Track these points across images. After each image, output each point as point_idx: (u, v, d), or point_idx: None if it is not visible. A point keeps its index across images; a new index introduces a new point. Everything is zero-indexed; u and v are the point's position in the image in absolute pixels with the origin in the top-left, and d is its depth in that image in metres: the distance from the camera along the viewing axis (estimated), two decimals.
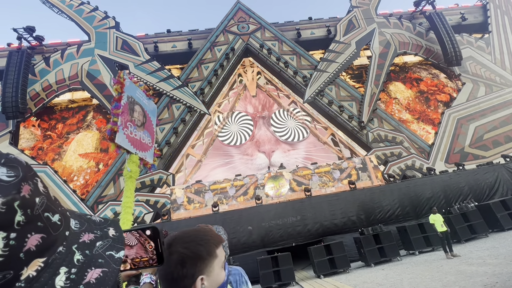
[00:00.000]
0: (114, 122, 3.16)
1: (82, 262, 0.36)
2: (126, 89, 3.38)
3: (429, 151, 15.03)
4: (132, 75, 3.69)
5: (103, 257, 0.38)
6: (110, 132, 3.13)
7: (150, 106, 3.90)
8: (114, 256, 0.39)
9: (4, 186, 0.30)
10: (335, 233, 9.88)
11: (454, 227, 8.78)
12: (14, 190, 0.30)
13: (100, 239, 0.41)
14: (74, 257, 0.35)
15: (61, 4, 16.89)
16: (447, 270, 6.19)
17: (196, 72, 16.52)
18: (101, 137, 15.07)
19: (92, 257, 0.37)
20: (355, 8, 18.77)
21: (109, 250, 0.40)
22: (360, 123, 15.36)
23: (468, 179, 11.16)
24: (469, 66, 17.80)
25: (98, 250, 0.39)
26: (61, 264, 0.33)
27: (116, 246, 0.41)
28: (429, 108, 16.96)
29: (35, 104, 15.15)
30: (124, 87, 3.35)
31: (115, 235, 0.43)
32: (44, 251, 0.32)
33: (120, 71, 3.44)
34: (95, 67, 15.73)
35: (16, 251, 0.29)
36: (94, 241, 0.40)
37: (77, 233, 0.39)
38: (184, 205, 11.85)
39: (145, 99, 3.81)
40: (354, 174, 12.70)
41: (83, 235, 0.39)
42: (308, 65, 17.09)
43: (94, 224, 0.43)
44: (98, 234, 0.41)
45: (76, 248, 0.37)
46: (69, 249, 0.36)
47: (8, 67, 14.04)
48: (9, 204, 0.29)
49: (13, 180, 0.31)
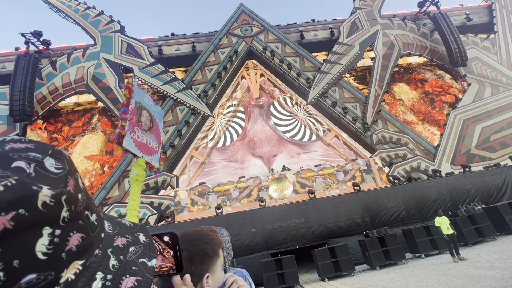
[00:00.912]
0: (122, 126, 3.23)
1: (117, 268, 0.34)
2: (134, 94, 3.47)
3: (434, 153, 14.87)
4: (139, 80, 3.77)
5: (137, 265, 0.36)
6: (118, 136, 3.20)
7: (157, 111, 3.98)
8: (147, 264, 0.37)
9: (53, 178, 0.28)
10: (339, 235, 9.80)
11: (461, 230, 8.64)
12: (62, 183, 0.29)
13: (133, 245, 0.38)
14: (109, 262, 0.33)
15: (67, 9, 17.19)
16: (454, 273, 6.09)
17: (199, 74, 16.63)
18: (106, 140, 15.23)
19: (126, 264, 0.35)
20: (358, 10, 18.74)
21: (142, 257, 0.37)
22: (364, 125, 15.27)
23: (475, 181, 10.99)
24: (474, 66, 17.61)
25: (131, 257, 0.37)
26: (97, 268, 0.32)
27: (148, 253, 0.39)
28: (434, 109, 16.79)
29: (42, 107, 15.39)
30: (132, 93, 3.44)
31: (146, 241, 0.41)
32: (83, 252, 0.30)
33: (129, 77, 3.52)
34: (100, 70, 15.94)
35: (59, 250, 0.27)
36: (127, 246, 0.38)
37: (111, 236, 0.37)
38: (188, 207, 11.87)
39: (152, 104, 3.90)
40: (359, 176, 12.60)
41: (116, 239, 0.37)
42: (312, 67, 17.08)
43: (125, 228, 0.41)
44: (130, 239, 0.39)
45: (111, 253, 0.35)
46: (104, 253, 0.34)
47: (16, 71, 14.30)
48: (58, 197, 0.27)
49: (61, 172, 0.30)
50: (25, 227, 0.24)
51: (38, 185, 0.26)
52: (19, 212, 0.24)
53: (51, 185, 0.27)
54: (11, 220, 0.23)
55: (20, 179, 0.25)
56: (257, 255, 9.12)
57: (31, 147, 0.30)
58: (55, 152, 0.31)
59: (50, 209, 0.27)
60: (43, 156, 0.29)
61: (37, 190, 0.26)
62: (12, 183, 0.25)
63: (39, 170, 0.28)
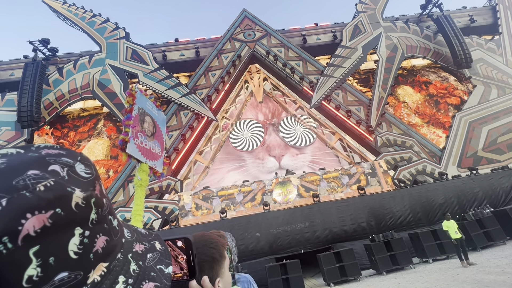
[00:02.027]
0: (125, 132, 3.28)
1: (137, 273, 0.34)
2: (137, 101, 3.52)
3: (440, 155, 14.69)
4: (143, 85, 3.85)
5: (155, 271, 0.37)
6: (122, 142, 3.24)
7: (160, 116, 4.04)
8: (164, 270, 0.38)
9: (83, 182, 0.30)
10: (344, 240, 9.69)
11: (469, 234, 8.47)
12: (91, 187, 0.30)
13: (150, 251, 0.40)
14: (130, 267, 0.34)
15: (74, 17, 17.57)
16: (463, 279, 5.96)
17: (203, 79, 16.78)
18: (111, 145, 15.39)
19: (145, 269, 0.36)
20: (361, 13, 18.78)
21: (159, 263, 0.39)
22: (368, 128, 15.19)
23: (483, 184, 10.80)
24: (479, 68, 17.46)
25: (149, 263, 0.38)
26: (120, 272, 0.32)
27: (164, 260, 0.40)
28: (439, 111, 16.64)
29: (49, 113, 15.65)
30: (135, 99, 3.49)
31: (162, 249, 0.42)
32: (107, 255, 0.31)
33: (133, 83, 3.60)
34: (106, 76, 16.19)
35: (88, 250, 0.28)
36: (145, 253, 0.39)
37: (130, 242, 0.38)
38: (192, 211, 11.89)
39: (155, 110, 3.94)
40: (363, 180, 12.50)
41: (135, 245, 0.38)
42: (315, 71, 17.11)
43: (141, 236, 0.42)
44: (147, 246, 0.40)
45: (132, 258, 0.36)
46: (125, 258, 0.35)
47: (24, 78, 14.61)
48: (88, 200, 0.29)
49: (90, 177, 0.31)
50: (60, 226, 0.26)
51: (71, 187, 0.28)
52: (57, 211, 0.25)
53: (82, 188, 0.29)
54: (49, 218, 0.25)
55: (57, 181, 0.27)
56: (262, 260, 9.06)
57: (63, 153, 0.32)
58: (83, 159, 0.33)
59: (82, 210, 0.28)
60: (74, 161, 0.32)
61: (71, 192, 0.27)
62: (51, 184, 0.26)
63: (71, 174, 0.29)
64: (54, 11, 17.89)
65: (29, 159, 0.28)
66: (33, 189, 0.25)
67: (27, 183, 0.25)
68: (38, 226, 0.24)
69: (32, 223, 0.23)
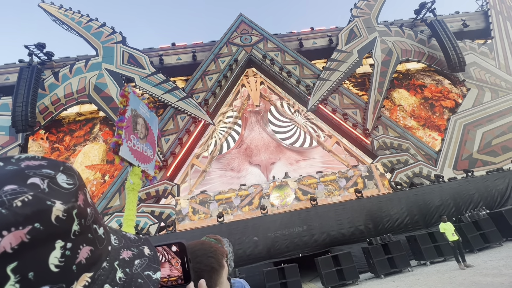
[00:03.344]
0: (118, 135, 3.23)
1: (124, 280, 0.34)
2: (130, 102, 3.47)
3: (436, 158, 14.80)
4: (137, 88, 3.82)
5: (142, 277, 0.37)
6: (115, 145, 3.19)
7: (152, 118, 3.98)
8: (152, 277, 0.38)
9: (65, 194, 0.29)
10: (342, 243, 9.66)
11: (466, 236, 8.50)
12: (73, 198, 0.30)
13: (138, 258, 0.39)
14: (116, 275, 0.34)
15: (70, 21, 17.55)
16: (460, 281, 5.96)
17: (200, 83, 16.79)
18: (107, 149, 15.26)
19: (132, 276, 0.36)
20: (356, 18, 19.04)
21: (147, 270, 0.38)
22: (364, 131, 15.27)
23: (478, 186, 10.89)
24: (473, 71, 17.73)
25: (137, 269, 0.37)
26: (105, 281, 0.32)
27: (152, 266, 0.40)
28: (434, 114, 16.82)
29: (44, 117, 15.51)
30: (129, 101, 3.44)
31: (151, 254, 0.42)
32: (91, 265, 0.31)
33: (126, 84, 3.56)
34: (102, 80, 16.12)
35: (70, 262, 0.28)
36: (133, 259, 0.38)
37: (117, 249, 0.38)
38: (189, 215, 11.78)
39: (147, 112, 3.90)
40: (361, 183, 12.52)
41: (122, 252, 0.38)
42: (311, 74, 17.23)
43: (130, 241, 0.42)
44: (135, 252, 0.40)
45: (118, 265, 0.36)
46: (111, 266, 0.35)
47: (19, 82, 14.49)
48: (69, 212, 0.29)
49: (72, 188, 0.31)
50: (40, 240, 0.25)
51: (51, 200, 0.28)
52: (35, 226, 0.25)
53: (63, 200, 0.29)
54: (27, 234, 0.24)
55: (36, 195, 0.27)
56: (260, 264, 8.98)
57: (44, 164, 0.32)
58: (66, 168, 0.33)
59: (63, 223, 0.28)
60: (56, 172, 0.31)
61: (51, 205, 0.27)
62: (29, 199, 0.26)
63: (52, 186, 0.29)
64: (50, 15, 17.85)
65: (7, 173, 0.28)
66: (9, 206, 0.24)
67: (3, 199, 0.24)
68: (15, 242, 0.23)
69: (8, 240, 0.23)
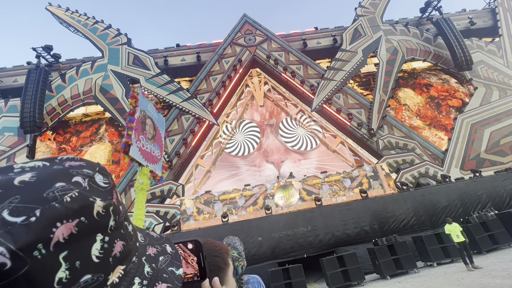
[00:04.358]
0: (128, 135, 3.26)
1: (151, 275, 0.37)
2: (139, 103, 3.51)
3: (442, 158, 14.60)
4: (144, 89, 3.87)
5: (167, 272, 0.39)
6: (124, 145, 3.22)
7: (159, 119, 4.01)
8: (175, 272, 0.41)
9: (102, 192, 0.32)
10: (347, 243, 9.60)
11: (474, 237, 8.37)
12: (110, 196, 0.33)
13: (162, 254, 0.42)
14: (144, 269, 0.37)
15: (77, 23, 17.79)
16: (468, 283, 5.87)
17: (204, 84, 16.87)
18: (113, 149, 15.43)
19: (158, 271, 0.38)
20: (361, 17, 18.90)
21: (170, 266, 0.41)
22: (369, 131, 15.15)
23: (486, 186, 10.71)
24: (480, 70, 17.45)
25: (161, 265, 0.40)
26: (135, 274, 0.35)
27: (175, 263, 0.43)
28: (441, 113, 16.60)
29: (51, 118, 15.75)
30: (138, 101, 3.48)
31: (172, 252, 0.45)
32: (124, 258, 0.34)
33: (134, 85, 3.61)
34: (108, 82, 16.31)
35: (107, 255, 0.31)
36: (158, 256, 0.41)
37: (144, 246, 0.40)
38: (193, 215, 11.84)
39: (155, 113, 3.93)
40: (366, 183, 12.43)
41: (148, 248, 0.41)
42: (315, 74, 17.17)
43: (153, 239, 0.44)
44: (159, 249, 0.43)
45: (145, 260, 0.38)
46: (140, 260, 0.37)
47: (27, 84, 14.75)
48: (107, 208, 0.31)
49: (108, 187, 0.34)
50: (85, 233, 0.28)
51: (93, 197, 0.30)
52: (81, 220, 0.28)
53: (101, 197, 0.31)
54: (75, 226, 0.27)
55: (81, 192, 0.30)
56: (264, 265, 8.98)
57: (84, 164, 0.35)
58: (101, 169, 0.36)
59: (102, 218, 0.31)
60: (93, 172, 0.34)
61: (93, 201, 0.30)
62: (76, 195, 0.29)
63: (92, 185, 0.32)
64: (57, 18, 18.13)
65: (55, 172, 0.31)
66: (61, 200, 0.27)
67: (55, 194, 0.27)
68: (66, 233, 0.26)
69: (61, 231, 0.26)
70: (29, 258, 0.23)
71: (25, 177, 0.28)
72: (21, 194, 0.26)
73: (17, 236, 0.23)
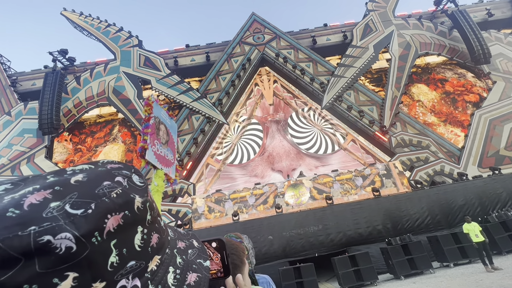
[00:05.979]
0: (144, 140, 3.44)
1: (182, 265, 0.42)
2: (154, 110, 3.70)
3: (459, 155, 14.12)
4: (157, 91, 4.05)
5: (196, 264, 0.44)
6: (141, 150, 3.40)
7: (172, 125, 4.23)
8: (203, 264, 0.46)
9: (140, 189, 0.37)
10: (359, 243, 9.46)
11: (493, 237, 8.07)
12: (146, 194, 0.37)
13: (190, 248, 0.47)
14: (176, 260, 0.41)
15: (90, 27, 18.31)
16: (488, 284, 5.68)
17: (214, 83, 16.99)
18: (126, 150, 15.81)
19: (188, 262, 0.43)
20: (372, 12, 18.49)
21: (198, 258, 0.46)
22: (382, 128, 14.84)
23: (506, 184, 10.28)
24: (499, 63, 16.73)
25: (191, 257, 0.45)
26: (169, 264, 0.39)
27: (202, 255, 0.47)
28: (457, 109, 16.04)
29: (67, 120, 16.32)
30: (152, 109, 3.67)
31: (199, 246, 0.50)
32: (159, 249, 0.38)
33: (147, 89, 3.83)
34: (120, 83, 16.72)
35: (147, 245, 0.35)
36: (186, 249, 0.46)
37: (174, 240, 0.45)
38: (205, 214, 11.98)
39: (168, 119, 4.14)
40: (378, 181, 12.19)
41: (178, 242, 0.46)
42: (325, 71, 16.95)
43: (181, 235, 0.49)
44: (187, 243, 0.48)
45: (177, 252, 0.43)
46: (172, 252, 0.42)
47: (44, 87, 15.33)
48: (145, 204, 0.36)
49: (143, 186, 0.38)
50: (129, 224, 0.33)
51: (133, 194, 0.35)
52: (126, 213, 0.32)
53: (139, 194, 0.36)
54: (121, 218, 0.31)
55: (123, 189, 0.34)
56: (275, 263, 8.99)
57: (122, 166, 0.40)
58: (136, 170, 0.41)
59: (142, 212, 0.35)
60: (130, 173, 0.39)
61: (133, 197, 0.34)
62: (120, 192, 0.33)
63: (130, 184, 0.37)
64: (71, 22, 18.71)
65: (101, 173, 0.35)
66: (109, 196, 0.32)
67: (104, 191, 0.32)
68: (115, 224, 0.31)
69: (111, 222, 0.30)
70: (89, 244, 0.27)
71: (78, 177, 0.33)
72: (78, 191, 0.30)
73: (79, 225, 0.27)
